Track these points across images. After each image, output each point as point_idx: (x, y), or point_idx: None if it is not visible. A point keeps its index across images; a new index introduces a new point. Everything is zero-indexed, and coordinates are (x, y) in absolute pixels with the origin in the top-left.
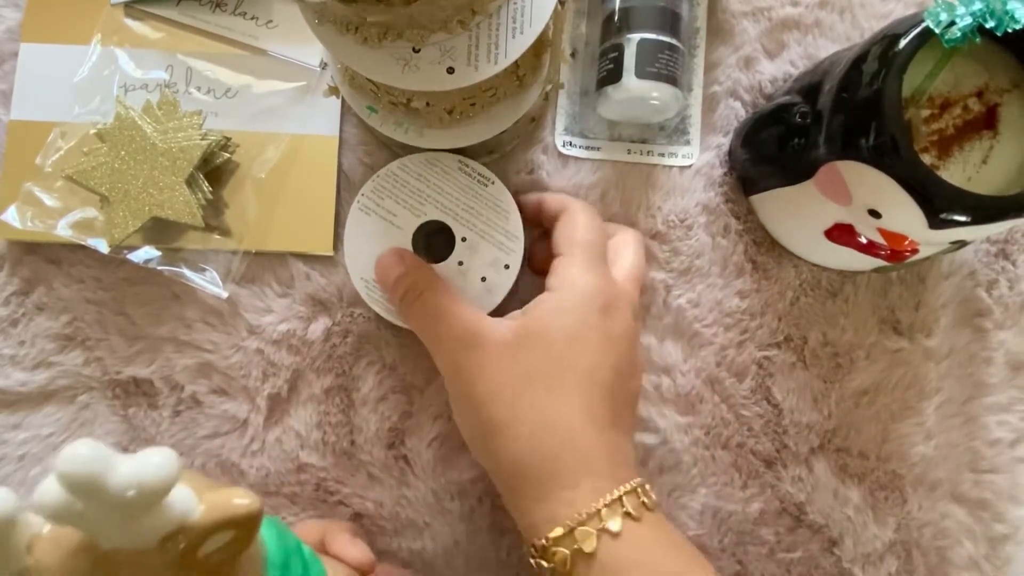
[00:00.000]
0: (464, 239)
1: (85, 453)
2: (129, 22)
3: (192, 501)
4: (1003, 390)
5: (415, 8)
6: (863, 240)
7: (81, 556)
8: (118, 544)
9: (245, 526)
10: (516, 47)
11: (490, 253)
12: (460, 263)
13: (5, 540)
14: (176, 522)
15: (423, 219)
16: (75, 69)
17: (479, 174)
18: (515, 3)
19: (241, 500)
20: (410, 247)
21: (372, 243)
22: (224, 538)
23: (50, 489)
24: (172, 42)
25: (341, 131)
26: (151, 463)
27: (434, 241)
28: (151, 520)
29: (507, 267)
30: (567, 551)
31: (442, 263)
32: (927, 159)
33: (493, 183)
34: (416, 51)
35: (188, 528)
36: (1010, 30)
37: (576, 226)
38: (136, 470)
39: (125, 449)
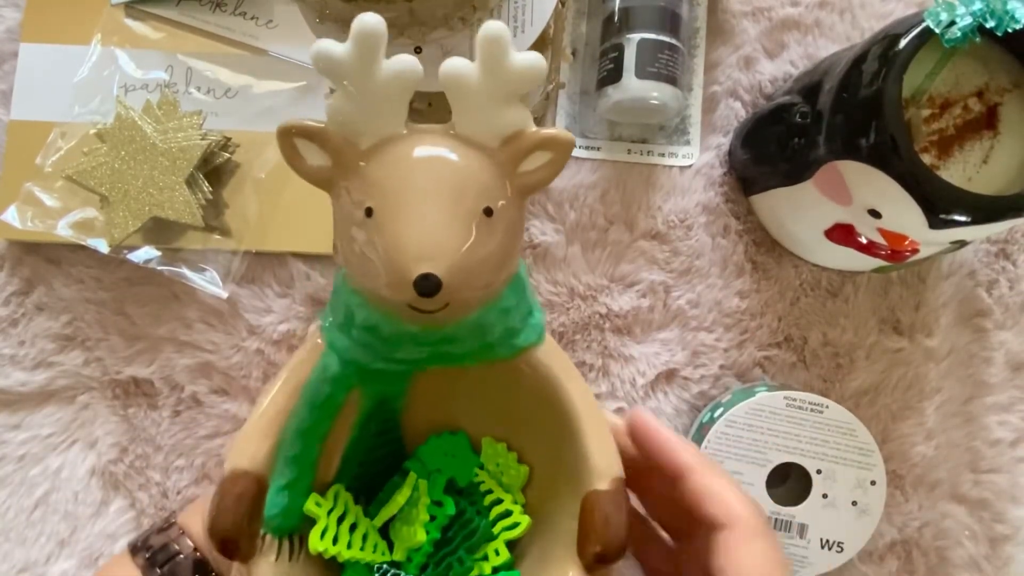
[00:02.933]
0: (819, 471)
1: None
2: (129, 22)
3: (530, 119)
4: (1003, 390)
5: (416, 4)
6: (863, 240)
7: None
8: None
9: (562, 151)
10: (517, 46)
11: (851, 475)
12: (824, 496)
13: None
14: (519, 125)
15: (770, 467)
16: (75, 69)
17: (810, 403)
18: (516, 1)
19: (564, 131)
20: (767, 498)
21: None
22: (541, 160)
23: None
24: (172, 42)
25: None
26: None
27: (790, 483)
28: (508, 116)
29: (873, 483)
30: None
31: (805, 502)
32: (927, 159)
33: (827, 407)
34: (418, 51)
35: (523, 135)
36: (1010, 30)
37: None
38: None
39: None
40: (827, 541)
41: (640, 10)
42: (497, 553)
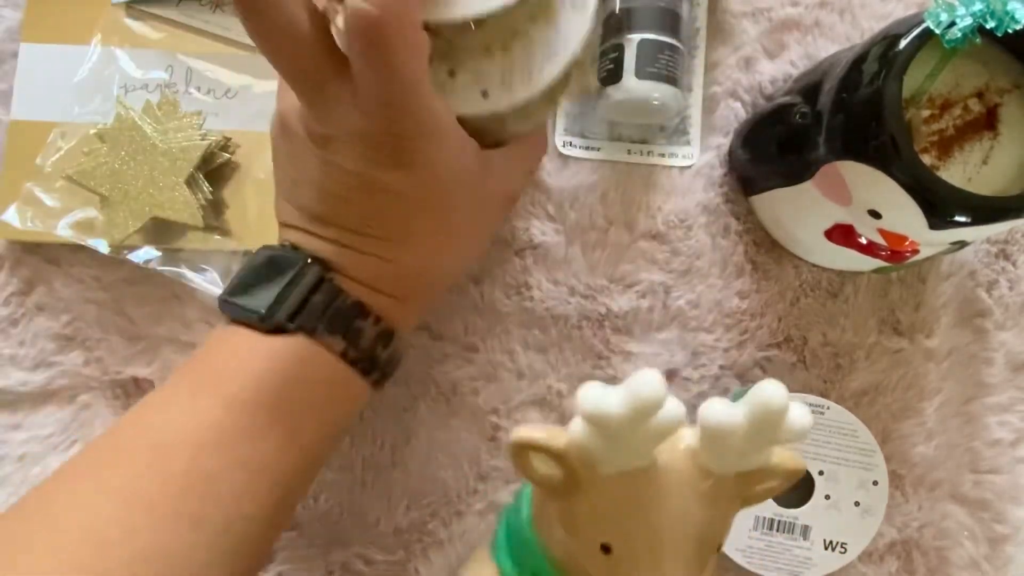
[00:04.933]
0: (821, 472)
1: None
2: (129, 22)
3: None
4: (1004, 390)
5: (460, 39)
6: (863, 241)
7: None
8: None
9: (791, 478)
10: (551, 69)
11: (854, 476)
12: (827, 497)
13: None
14: (763, 463)
15: None
16: (75, 69)
17: (811, 405)
18: (551, 26)
19: (799, 460)
20: (769, 501)
21: None
22: (770, 483)
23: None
24: (172, 42)
25: None
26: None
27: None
28: (758, 460)
29: (875, 483)
30: None
31: (808, 504)
32: (927, 160)
33: (828, 408)
34: (452, 75)
35: (764, 469)
36: (1011, 31)
37: None
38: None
39: None
40: (831, 542)
41: (640, 10)
42: None
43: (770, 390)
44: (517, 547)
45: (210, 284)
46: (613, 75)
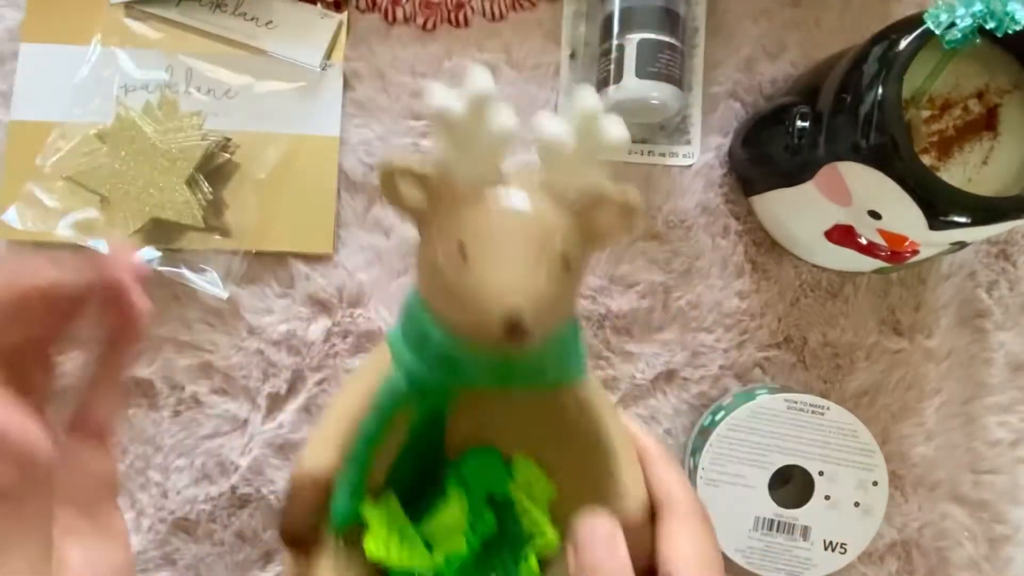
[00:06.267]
0: (821, 473)
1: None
2: (129, 22)
3: (607, 180)
4: (1003, 391)
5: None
6: (863, 241)
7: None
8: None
9: (630, 211)
10: None
11: (853, 476)
12: (827, 497)
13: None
14: (597, 184)
15: (772, 469)
16: (75, 69)
17: (811, 405)
18: None
19: (634, 191)
20: (769, 502)
21: (729, 511)
22: (611, 217)
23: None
24: (172, 42)
25: (341, 131)
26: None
27: (792, 485)
28: (590, 176)
29: (875, 483)
30: None
31: (807, 504)
32: (927, 160)
33: (828, 409)
34: None
35: (599, 193)
36: (1010, 31)
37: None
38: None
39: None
40: (830, 543)
41: (640, 10)
42: (531, 569)
43: (582, 95)
44: (407, 323)
45: (210, 284)
46: (613, 75)
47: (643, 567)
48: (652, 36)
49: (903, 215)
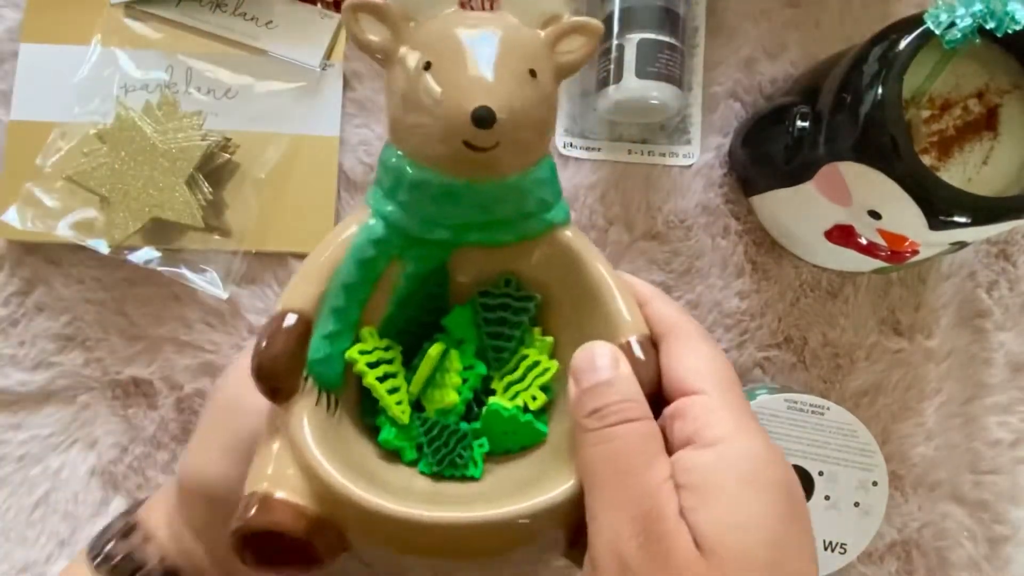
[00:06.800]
0: (821, 473)
1: None
2: (129, 22)
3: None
4: (1003, 391)
5: None
6: (863, 241)
7: None
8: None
9: (592, 35)
10: None
11: (853, 477)
12: (827, 497)
13: None
14: (556, 11)
15: None
16: (75, 69)
17: (811, 405)
18: None
19: (595, 20)
20: None
21: None
22: (575, 44)
23: None
24: (172, 42)
25: (341, 131)
26: None
27: None
28: (546, 3)
29: (875, 484)
30: None
31: (808, 503)
32: (927, 160)
33: (828, 409)
34: None
35: (559, 20)
36: (1010, 31)
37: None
38: None
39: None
40: (830, 543)
41: (640, 10)
42: (534, 398)
43: None
44: (382, 172)
45: (210, 284)
46: (613, 75)
47: (649, 394)
48: (652, 36)
49: (903, 215)
